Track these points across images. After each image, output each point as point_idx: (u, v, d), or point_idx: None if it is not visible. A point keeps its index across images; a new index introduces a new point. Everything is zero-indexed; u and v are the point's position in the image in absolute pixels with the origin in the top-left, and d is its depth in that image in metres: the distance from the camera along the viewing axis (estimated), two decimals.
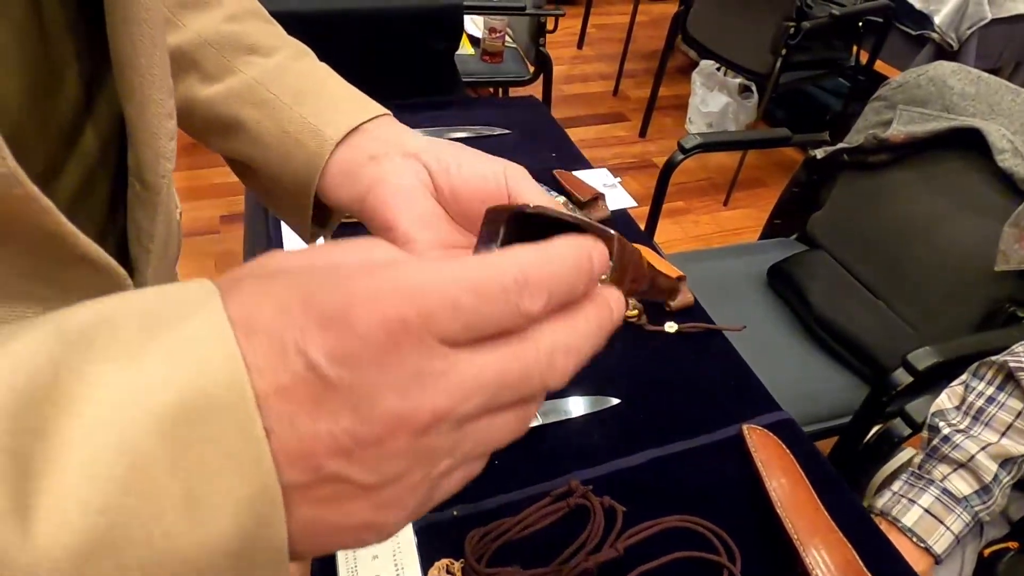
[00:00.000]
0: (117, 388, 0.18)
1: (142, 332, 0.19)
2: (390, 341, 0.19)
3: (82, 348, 0.18)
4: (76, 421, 0.17)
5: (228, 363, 0.18)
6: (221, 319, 0.19)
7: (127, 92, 0.29)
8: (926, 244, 1.28)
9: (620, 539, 0.63)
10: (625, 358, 0.85)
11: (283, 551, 0.19)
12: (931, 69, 1.30)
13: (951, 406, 0.90)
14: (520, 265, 0.20)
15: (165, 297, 0.20)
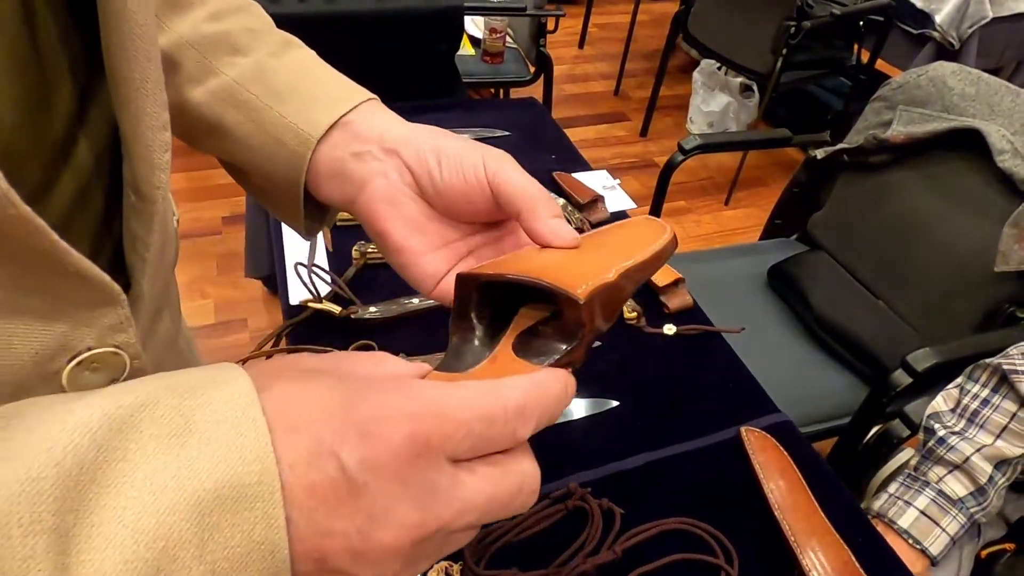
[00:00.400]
0: (158, 474, 0.20)
1: (183, 420, 0.21)
2: (413, 456, 0.22)
3: (127, 432, 0.20)
4: (117, 502, 0.19)
5: (262, 458, 0.21)
6: (258, 414, 0.21)
7: (121, 105, 0.29)
8: (926, 245, 1.28)
9: (618, 541, 0.64)
10: (624, 360, 0.85)
11: None
12: (931, 69, 1.30)
13: (946, 408, 0.90)
14: (519, 397, 0.24)
15: (204, 386, 0.22)
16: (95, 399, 0.20)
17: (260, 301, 1.93)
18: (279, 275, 0.90)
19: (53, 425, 0.19)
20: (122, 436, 0.20)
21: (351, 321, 0.82)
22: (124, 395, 0.21)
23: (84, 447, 0.19)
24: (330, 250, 0.94)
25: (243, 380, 0.22)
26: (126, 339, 0.31)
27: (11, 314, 0.26)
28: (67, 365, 0.29)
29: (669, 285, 0.91)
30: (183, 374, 0.23)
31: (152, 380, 0.22)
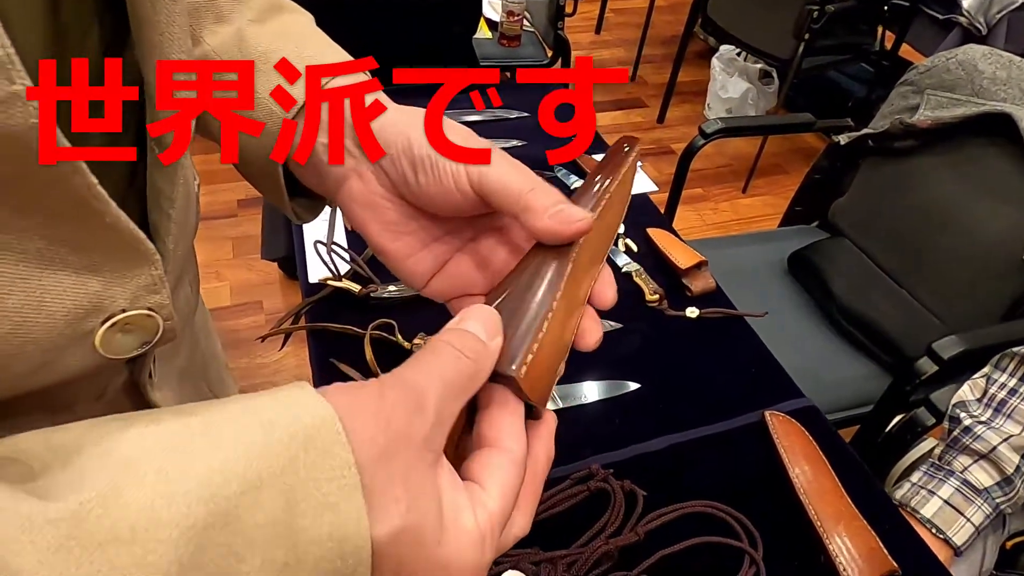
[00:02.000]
0: (265, 567, 0.20)
1: (287, 505, 0.21)
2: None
3: (231, 525, 0.20)
4: None
5: (360, 550, 0.22)
6: (361, 510, 0.22)
7: (145, 52, 0.28)
8: (951, 232, 1.25)
9: (641, 523, 0.63)
10: (646, 343, 0.84)
11: None
12: (960, 53, 1.27)
13: (973, 398, 0.88)
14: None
15: (305, 450, 0.21)
16: (196, 483, 0.19)
17: (275, 283, 1.93)
18: (298, 254, 0.90)
19: (158, 529, 0.18)
20: (228, 530, 0.19)
21: (370, 299, 0.81)
22: (226, 480, 0.20)
23: (189, 555, 0.19)
24: (349, 229, 0.93)
25: (342, 447, 0.22)
26: (159, 300, 0.31)
27: (44, 266, 0.25)
28: (100, 327, 0.29)
29: (692, 268, 0.90)
30: (273, 428, 0.21)
31: (242, 443, 0.21)
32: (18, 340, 0.25)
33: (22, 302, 0.25)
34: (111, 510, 0.18)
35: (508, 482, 0.26)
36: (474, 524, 0.25)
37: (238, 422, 0.21)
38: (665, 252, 0.92)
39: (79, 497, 0.18)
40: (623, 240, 0.96)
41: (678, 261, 0.90)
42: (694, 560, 0.62)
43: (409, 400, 0.24)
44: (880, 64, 2.47)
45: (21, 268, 0.24)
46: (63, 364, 0.29)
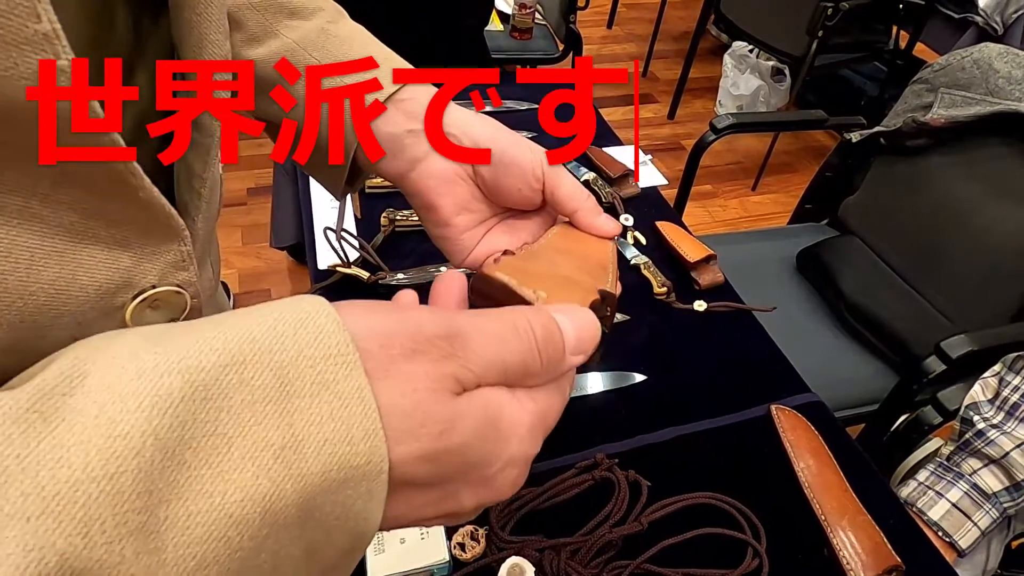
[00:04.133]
0: (259, 451, 0.18)
1: (278, 381, 0.19)
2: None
3: (215, 400, 0.18)
4: (215, 487, 0.18)
5: (370, 435, 0.20)
6: (361, 379, 0.20)
7: (183, 32, 0.28)
8: (963, 231, 1.24)
9: (644, 513, 0.63)
10: (653, 335, 0.84)
11: None
12: (976, 51, 1.26)
13: (985, 399, 0.88)
14: None
15: (295, 332, 0.20)
16: (168, 357, 0.18)
17: (284, 272, 1.94)
18: (308, 240, 0.90)
19: (126, 399, 0.17)
20: (211, 405, 0.18)
21: (379, 286, 0.82)
22: (203, 352, 0.18)
23: (166, 427, 0.17)
24: (358, 216, 0.93)
25: (335, 325, 0.20)
26: (187, 277, 0.31)
27: (77, 240, 0.25)
28: (131, 302, 0.29)
29: (700, 261, 0.90)
30: (258, 315, 0.20)
31: (226, 325, 0.20)
32: (53, 312, 0.26)
33: (57, 275, 0.25)
34: (75, 388, 0.17)
35: (556, 404, 0.26)
36: (521, 414, 0.24)
37: (221, 317, 0.20)
38: (674, 245, 0.92)
39: (41, 376, 0.17)
40: (632, 233, 0.96)
41: (687, 254, 0.90)
42: (697, 551, 0.62)
43: (449, 347, 0.22)
44: (894, 63, 2.45)
45: (57, 241, 0.25)
46: None
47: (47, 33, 0.20)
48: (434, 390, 0.21)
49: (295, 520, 0.19)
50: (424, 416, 0.21)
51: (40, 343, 0.27)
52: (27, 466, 0.15)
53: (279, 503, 0.18)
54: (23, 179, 0.23)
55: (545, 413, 0.26)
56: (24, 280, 0.24)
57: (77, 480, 0.16)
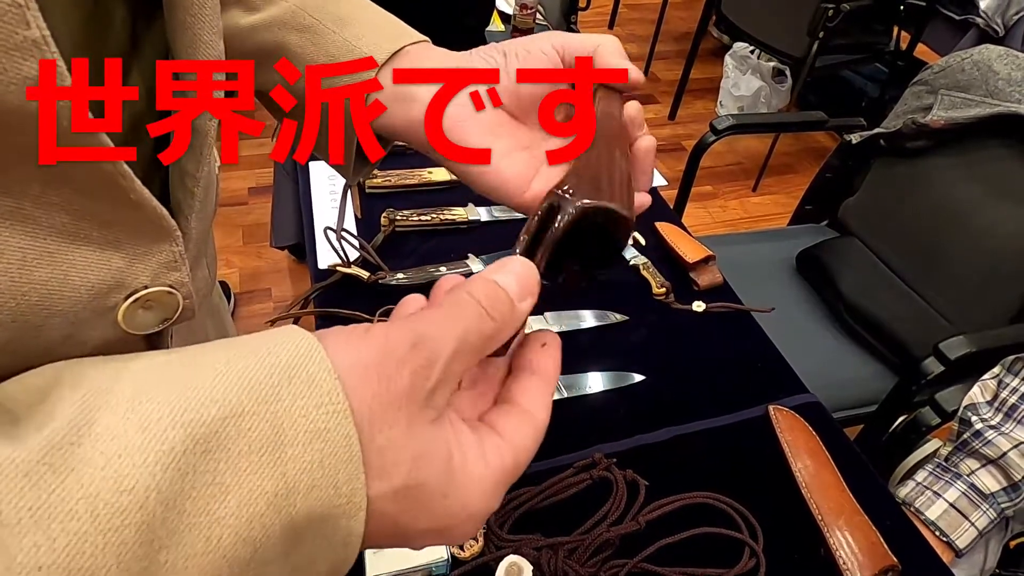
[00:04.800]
0: (253, 500, 0.20)
1: (272, 431, 0.20)
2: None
3: (214, 453, 0.19)
4: (211, 532, 0.19)
5: (352, 480, 0.21)
6: (350, 428, 0.21)
7: (176, 31, 0.28)
8: (962, 233, 1.24)
9: (642, 513, 0.64)
10: (652, 335, 0.84)
11: None
12: (976, 53, 1.26)
13: (983, 400, 0.88)
14: None
15: (289, 381, 0.21)
16: (171, 409, 0.19)
17: (284, 271, 1.94)
18: (308, 240, 0.91)
19: (132, 454, 0.18)
20: (210, 457, 0.19)
21: (379, 286, 0.82)
22: (203, 404, 0.19)
23: (168, 481, 0.18)
24: (359, 216, 0.94)
25: (327, 374, 0.21)
26: (179, 278, 0.31)
27: (68, 241, 0.26)
28: (123, 302, 0.29)
29: (699, 262, 0.90)
30: (253, 357, 0.21)
31: (222, 372, 0.21)
32: (45, 312, 0.26)
33: (49, 275, 0.25)
34: (83, 437, 0.18)
35: (524, 442, 0.26)
36: (484, 470, 0.25)
37: (217, 356, 0.21)
38: (673, 246, 0.92)
39: (51, 426, 0.18)
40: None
41: (686, 255, 0.90)
42: (694, 550, 0.62)
43: (418, 357, 0.23)
44: (895, 64, 2.45)
45: (48, 242, 0.25)
46: (87, 337, 0.29)
47: (36, 39, 0.20)
48: (410, 423, 0.23)
49: (281, 553, 0.21)
50: (397, 455, 0.22)
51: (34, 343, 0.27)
52: (39, 518, 0.16)
53: (267, 542, 0.20)
54: (14, 181, 0.23)
55: (516, 456, 0.26)
56: (16, 280, 0.24)
57: (85, 532, 0.17)
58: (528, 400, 0.27)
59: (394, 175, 0.98)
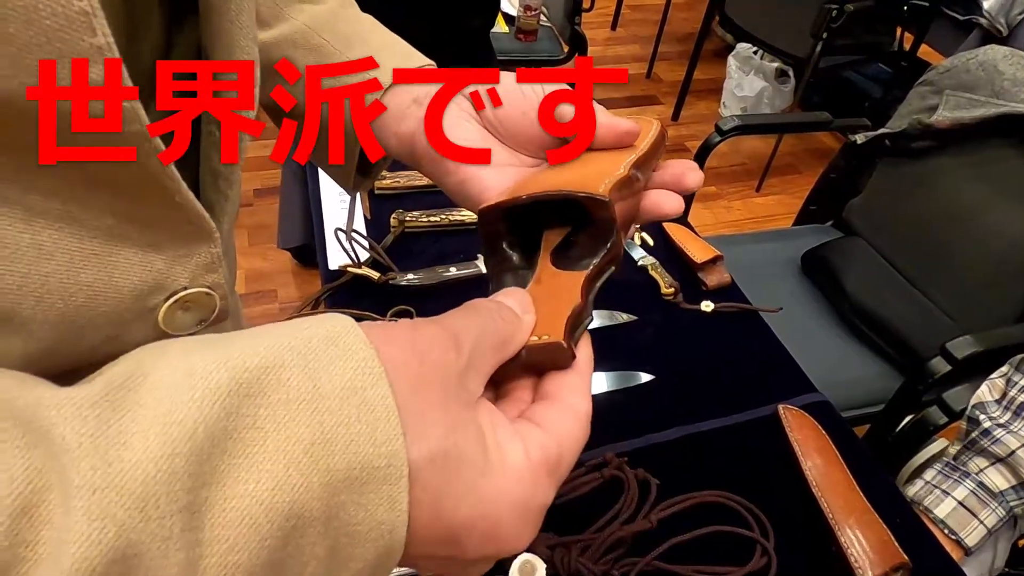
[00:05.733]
0: (291, 446, 0.20)
1: (311, 384, 0.21)
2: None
3: (255, 397, 0.20)
4: (250, 475, 0.19)
5: (391, 439, 0.21)
6: (385, 389, 0.21)
7: (213, 38, 0.29)
8: (968, 233, 1.25)
9: (654, 511, 0.64)
10: (660, 335, 0.85)
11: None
12: (981, 53, 1.26)
13: (992, 399, 0.88)
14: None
15: (326, 345, 0.22)
16: (216, 358, 0.20)
17: (289, 272, 1.95)
18: (318, 241, 0.91)
19: (181, 391, 0.19)
20: (251, 401, 0.20)
21: (389, 287, 0.82)
22: (246, 355, 0.20)
23: (214, 417, 0.19)
24: (368, 218, 0.94)
25: (363, 343, 0.22)
26: (216, 279, 0.31)
27: (113, 242, 0.26)
28: (163, 304, 0.30)
29: (708, 262, 0.90)
30: (294, 328, 0.22)
31: (265, 336, 0.22)
32: (91, 313, 0.26)
33: (94, 276, 0.26)
34: (139, 384, 0.19)
35: (569, 431, 0.26)
36: (523, 458, 0.24)
37: (261, 329, 0.22)
38: (681, 246, 0.93)
39: (111, 371, 0.19)
40: (639, 234, 0.97)
41: (694, 255, 0.91)
42: (706, 548, 0.63)
43: (445, 338, 0.24)
44: (898, 65, 2.45)
45: (95, 244, 0.25)
46: (128, 337, 0.29)
47: (101, 46, 0.20)
48: (445, 396, 0.23)
49: (320, 515, 0.20)
50: (434, 418, 0.22)
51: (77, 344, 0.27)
52: (99, 444, 0.17)
53: (306, 495, 0.20)
54: (64, 184, 0.23)
55: (560, 449, 0.26)
56: (64, 282, 0.25)
57: (138, 460, 0.17)
58: (566, 392, 0.28)
59: (403, 176, 0.98)
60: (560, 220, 0.34)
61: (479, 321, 0.26)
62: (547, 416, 0.27)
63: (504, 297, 0.29)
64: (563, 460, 0.26)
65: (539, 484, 0.25)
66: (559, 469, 0.26)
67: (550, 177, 0.35)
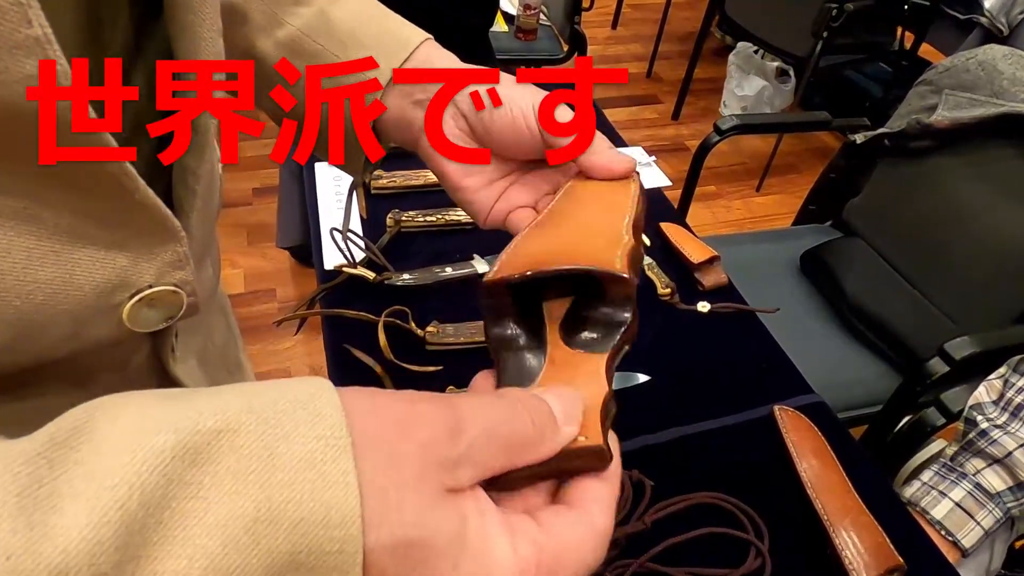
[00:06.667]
0: (233, 521, 0.18)
1: (266, 453, 0.19)
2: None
3: (202, 465, 0.18)
4: (184, 550, 0.17)
5: (347, 523, 0.19)
6: (348, 464, 0.19)
7: (178, 31, 0.28)
8: (967, 233, 1.24)
9: (648, 512, 0.64)
10: (657, 336, 0.84)
11: None
12: (980, 53, 1.26)
13: (989, 400, 0.88)
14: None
15: (293, 411, 0.20)
16: (168, 417, 0.18)
17: (288, 272, 1.95)
18: (314, 241, 0.91)
19: (122, 453, 0.17)
20: (198, 469, 0.18)
21: (384, 287, 0.82)
22: (203, 415, 0.19)
23: (152, 484, 0.17)
24: (364, 217, 0.94)
25: (334, 409, 0.20)
26: (183, 277, 0.31)
27: (74, 241, 0.26)
28: (128, 301, 0.29)
29: (704, 263, 0.90)
30: (264, 387, 0.21)
31: (229, 393, 0.20)
32: (51, 311, 0.26)
33: (54, 275, 0.26)
34: (80, 436, 0.18)
35: (577, 541, 0.23)
36: (509, 553, 0.22)
37: (232, 387, 0.21)
38: (678, 246, 0.93)
39: (56, 425, 0.18)
40: None
41: (691, 255, 0.91)
42: (700, 550, 0.62)
43: (443, 419, 0.22)
44: (899, 64, 2.45)
45: (54, 242, 0.25)
46: (91, 334, 0.29)
47: (38, 37, 0.20)
48: (422, 479, 0.21)
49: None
50: (401, 502, 0.20)
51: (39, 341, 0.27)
52: (24, 506, 0.16)
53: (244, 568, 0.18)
54: (17, 181, 0.23)
55: (558, 554, 0.23)
56: (21, 280, 0.24)
57: (64, 527, 0.16)
58: (589, 502, 0.24)
59: (399, 176, 0.98)
60: (561, 289, 0.31)
61: (498, 413, 0.23)
62: (555, 519, 0.24)
63: (550, 396, 0.25)
64: (561, 570, 0.22)
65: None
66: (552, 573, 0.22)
67: (549, 241, 0.33)
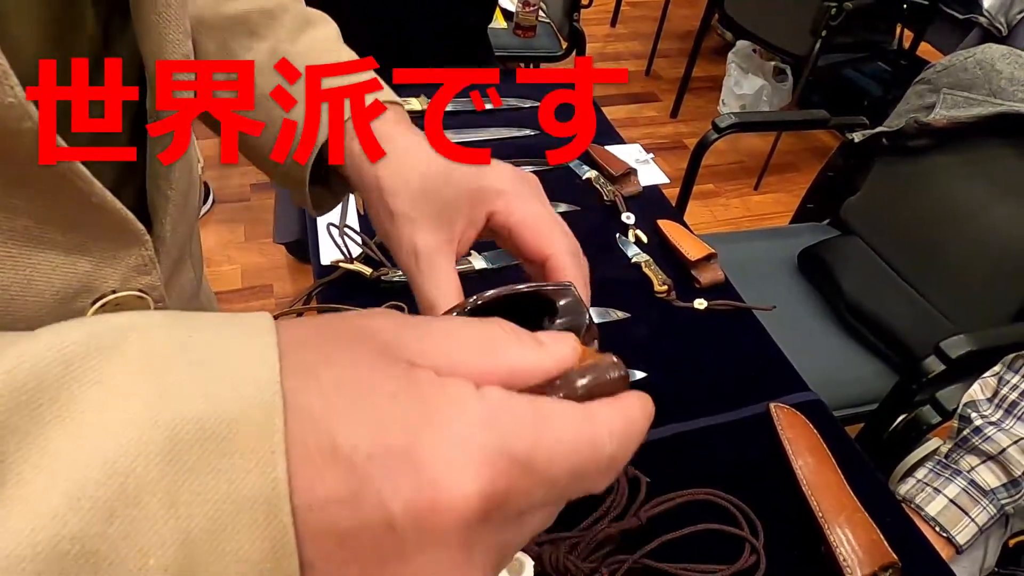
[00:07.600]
0: (130, 398, 0.16)
1: (179, 343, 0.17)
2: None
3: (108, 353, 0.16)
4: (73, 430, 0.15)
5: (263, 390, 0.16)
6: (271, 342, 0.17)
7: (143, 31, 0.28)
8: (964, 232, 1.25)
9: (643, 509, 0.64)
10: (653, 333, 0.84)
11: None
12: (979, 52, 1.26)
13: (983, 397, 0.88)
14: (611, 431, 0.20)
15: (216, 318, 0.18)
16: (92, 320, 0.17)
17: (285, 268, 1.95)
18: (311, 236, 0.91)
19: (30, 340, 0.16)
20: (103, 356, 0.16)
21: (381, 282, 0.82)
22: (122, 317, 0.17)
23: (47, 361, 0.15)
24: (361, 213, 0.94)
25: (265, 318, 0.18)
26: (150, 282, 0.31)
27: (32, 245, 0.25)
28: (91, 307, 0.29)
29: (701, 260, 0.90)
30: (200, 316, 0.19)
31: (167, 312, 0.19)
32: (8, 316, 0.26)
33: (11, 280, 0.25)
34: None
35: (577, 438, 0.20)
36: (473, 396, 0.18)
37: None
38: (675, 243, 0.93)
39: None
40: (633, 231, 0.97)
41: (687, 253, 0.91)
42: (695, 546, 0.63)
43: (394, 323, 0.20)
44: (898, 63, 2.45)
45: (10, 247, 0.25)
46: None
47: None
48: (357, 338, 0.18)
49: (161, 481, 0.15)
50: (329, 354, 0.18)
51: None
52: None
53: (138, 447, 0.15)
54: None
55: (548, 443, 0.18)
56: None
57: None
58: (593, 408, 0.21)
59: None
60: (518, 318, 0.30)
61: (471, 328, 0.20)
62: (555, 405, 0.20)
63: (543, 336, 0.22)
64: (546, 460, 0.18)
65: (492, 428, 0.17)
66: (535, 452, 0.18)
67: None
